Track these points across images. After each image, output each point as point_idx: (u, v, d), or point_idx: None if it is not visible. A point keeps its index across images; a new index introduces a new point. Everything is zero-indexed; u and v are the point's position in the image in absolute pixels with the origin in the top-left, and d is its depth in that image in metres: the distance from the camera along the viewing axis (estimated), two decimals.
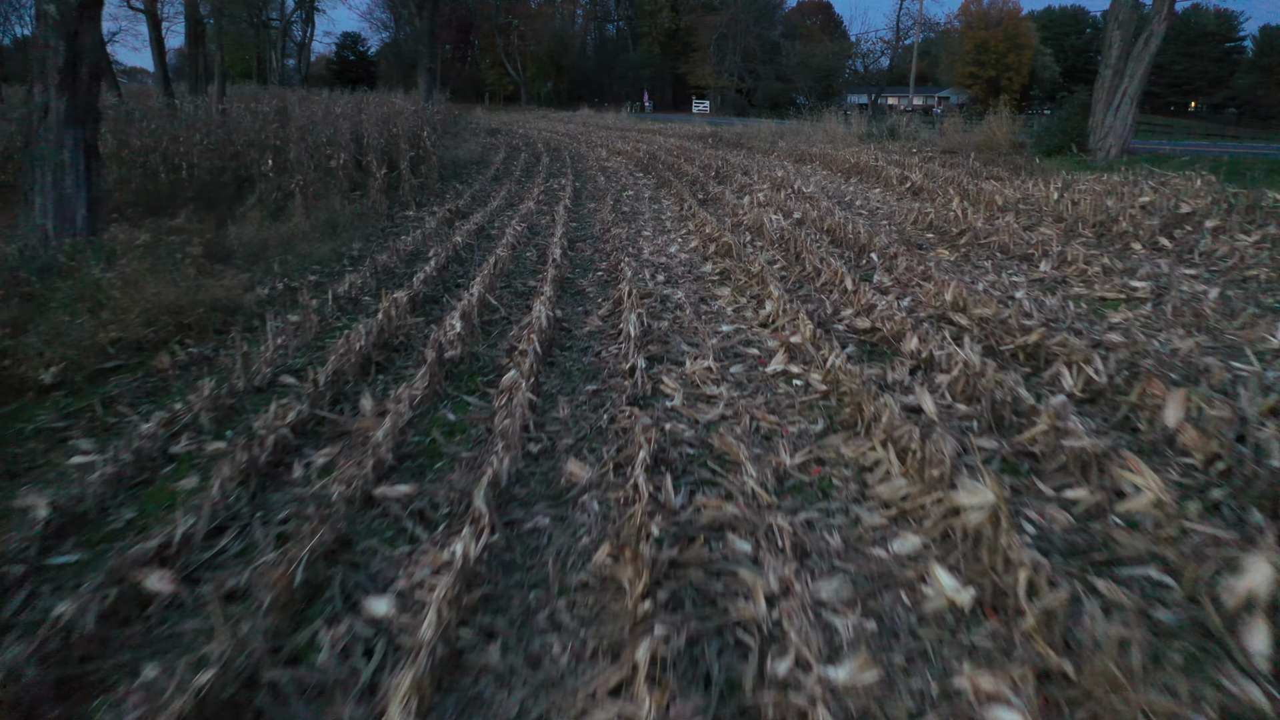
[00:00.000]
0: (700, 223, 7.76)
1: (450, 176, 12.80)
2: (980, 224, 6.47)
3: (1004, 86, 59.26)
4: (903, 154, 12.70)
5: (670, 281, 5.66)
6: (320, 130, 10.29)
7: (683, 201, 9.36)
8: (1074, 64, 70.20)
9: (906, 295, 4.70)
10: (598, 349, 4.16)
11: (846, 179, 11.45)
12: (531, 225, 8.22)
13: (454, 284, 5.76)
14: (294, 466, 2.82)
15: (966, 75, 60.28)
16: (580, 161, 15.97)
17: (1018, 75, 60.78)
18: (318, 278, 5.99)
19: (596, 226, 8.26)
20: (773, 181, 10.42)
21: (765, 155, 15.97)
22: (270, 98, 20.64)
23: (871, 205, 8.51)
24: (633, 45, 61.46)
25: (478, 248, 7.08)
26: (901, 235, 6.74)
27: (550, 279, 5.25)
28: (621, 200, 10.20)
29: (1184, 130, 37.69)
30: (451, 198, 10.30)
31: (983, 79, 59.61)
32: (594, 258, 6.69)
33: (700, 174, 12.08)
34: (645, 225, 8.17)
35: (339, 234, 7.79)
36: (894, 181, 9.82)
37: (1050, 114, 19.67)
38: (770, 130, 19.68)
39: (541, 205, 9.71)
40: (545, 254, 6.58)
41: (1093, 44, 74.70)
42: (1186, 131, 36.09)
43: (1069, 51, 69.15)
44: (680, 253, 6.71)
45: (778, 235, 6.55)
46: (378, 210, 8.93)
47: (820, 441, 2.92)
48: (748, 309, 4.78)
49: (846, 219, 7.34)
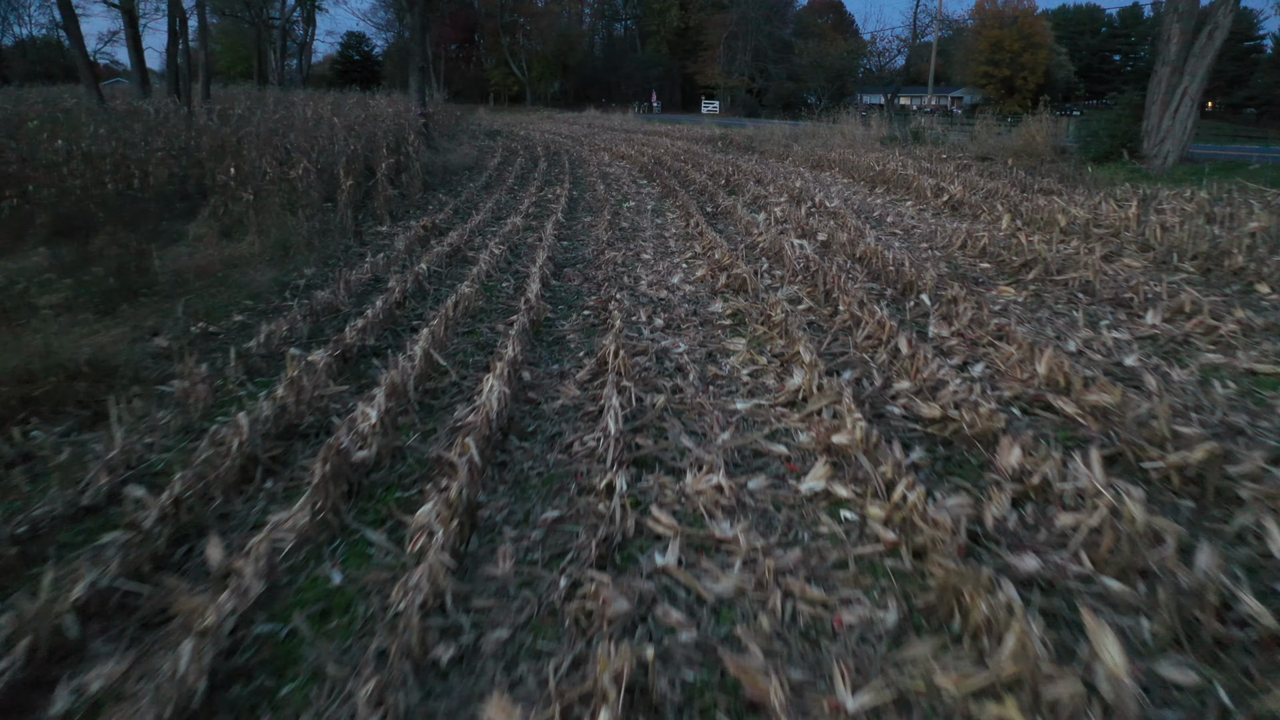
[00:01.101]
0: (708, 244, 6.68)
1: (438, 184, 11.78)
2: (1046, 250, 5.34)
3: (1018, 86, 58.00)
4: (932, 160, 11.56)
5: (671, 327, 4.58)
6: (288, 135, 9.28)
7: (689, 216, 8.28)
8: (1089, 63, 68.71)
9: (978, 360, 3.59)
10: (569, 438, 3.09)
11: (871, 189, 10.33)
12: (514, 246, 7.16)
13: (407, 327, 4.70)
14: (56, 694, 1.76)
15: (980, 75, 58.90)
16: (580, 167, 14.91)
17: (1032, 75, 59.40)
18: (246, 317, 4.95)
19: (589, 247, 7.20)
20: (790, 193, 9.32)
21: (779, 160, 14.86)
22: (259, 99, 19.74)
23: (906, 223, 7.40)
24: (641, 44, 60.36)
25: (446, 276, 6.02)
26: (951, 266, 5.63)
27: (517, 329, 4.18)
28: (621, 214, 9.13)
29: (1211, 131, 36.21)
30: (433, 210, 9.28)
31: (997, 78, 58.24)
32: (582, 290, 5.62)
33: (709, 182, 11.00)
34: (645, 246, 7.10)
35: (291, 257, 6.77)
36: (928, 194, 8.70)
37: (1079, 115, 18.48)
38: (783, 133, 18.56)
39: (531, 220, 8.66)
40: (523, 286, 5.52)
41: (1108, 44, 73.17)
42: (1214, 133, 34.64)
43: (1083, 51, 67.76)
44: (684, 284, 5.64)
45: (801, 264, 5.46)
46: (343, 227, 7.90)
47: (896, 653, 1.83)
48: (769, 373, 3.70)
49: (881, 242, 6.24)
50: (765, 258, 6.23)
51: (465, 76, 55.35)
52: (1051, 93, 62.49)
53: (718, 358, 4.03)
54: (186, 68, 18.30)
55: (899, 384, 3.34)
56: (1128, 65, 75.18)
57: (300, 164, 8.10)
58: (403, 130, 13.49)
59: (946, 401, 2.98)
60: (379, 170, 9.33)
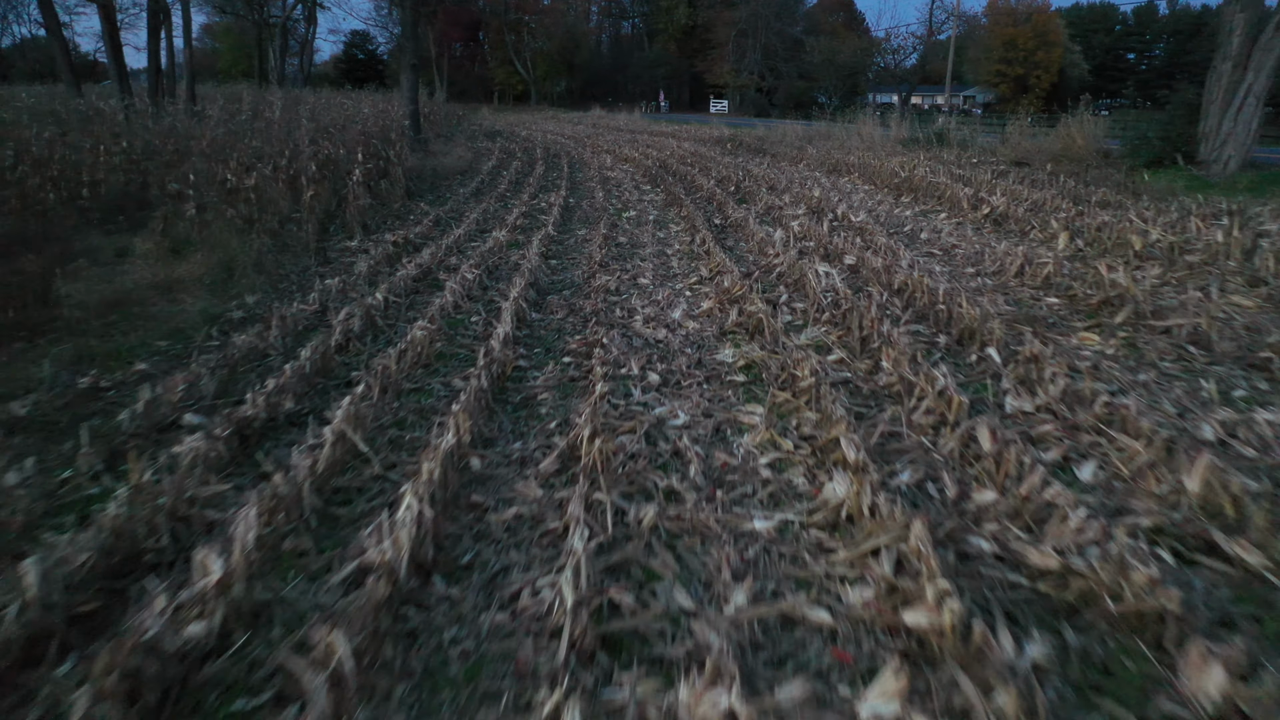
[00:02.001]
0: (716, 267, 5.74)
1: (425, 191, 10.89)
2: (1133, 284, 4.35)
3: (1032, 85, 56.79)
4: (961, 165, 10.57)
5: (669, 385, 3.65)
6: (250, 138, 8.41)
7: (695, 230, 7.34)
8: (1102, 62, 67.26)
9: (1086, 455, 2.64)
10: (517, 582, 2.16)
11: (896, 198, 9.35)
12: (494, 267, 6.24)
13: (343, 381, 3.79)
14: None
15: (994, 73, 57.68)
16: (580, 170, 14.00)
17: (1046, 73, 58.20)
18: (153, 364, 4.05)
19: (580, 268, 6.27)
20: (808, 203, 8.37)
21: (792, 164, 13.89)
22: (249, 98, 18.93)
23: (944, 241, 6.43)
24: (648, 43, 59.40)
25: (408, 307, 5.11)
26: (1012, 301, 4.66)
27: (472, 392, 3.25)
28: (619, 226, 8.20)
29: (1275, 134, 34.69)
30: (413, 221, 8.38)
31: (1010, 77, 57.07)
32: (565, 327, 4.70)
33: (717, 189, 10.05)
34: (644, 267, 6.16)
35: (235, 280, 5.87)
36: (964, 205, 7.72)
37: (1107, 114, 17.38)
38: (796, 134, 17.58)
39: (518, 233, 7.74)
40: (493, 323, 4.60)
41: (1122, 42, 71.56)
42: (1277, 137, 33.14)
43: (1097, 49, 66.51)
44: (687, 319, 4.70)
45: (829, 299, 4.51)
46: (304, 243, 7.01)
47: None
48: (797, 464, 2.76)
49: (920, 268, 5.28)
50: (783, 286, 5.28)
51: (470, 76, 54.55)
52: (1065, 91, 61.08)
53: (728, 435, 3.09)
54: (170, 66, 17.51)
55: (981, 494, 2.39)
56: (1142, 64, 73.64)
57: (254, 172, 7.21)
58: (388, 132, 12.61)
59: (1064, 542, 2.03)
60: (351, 177, 8.44)
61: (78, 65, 26.81)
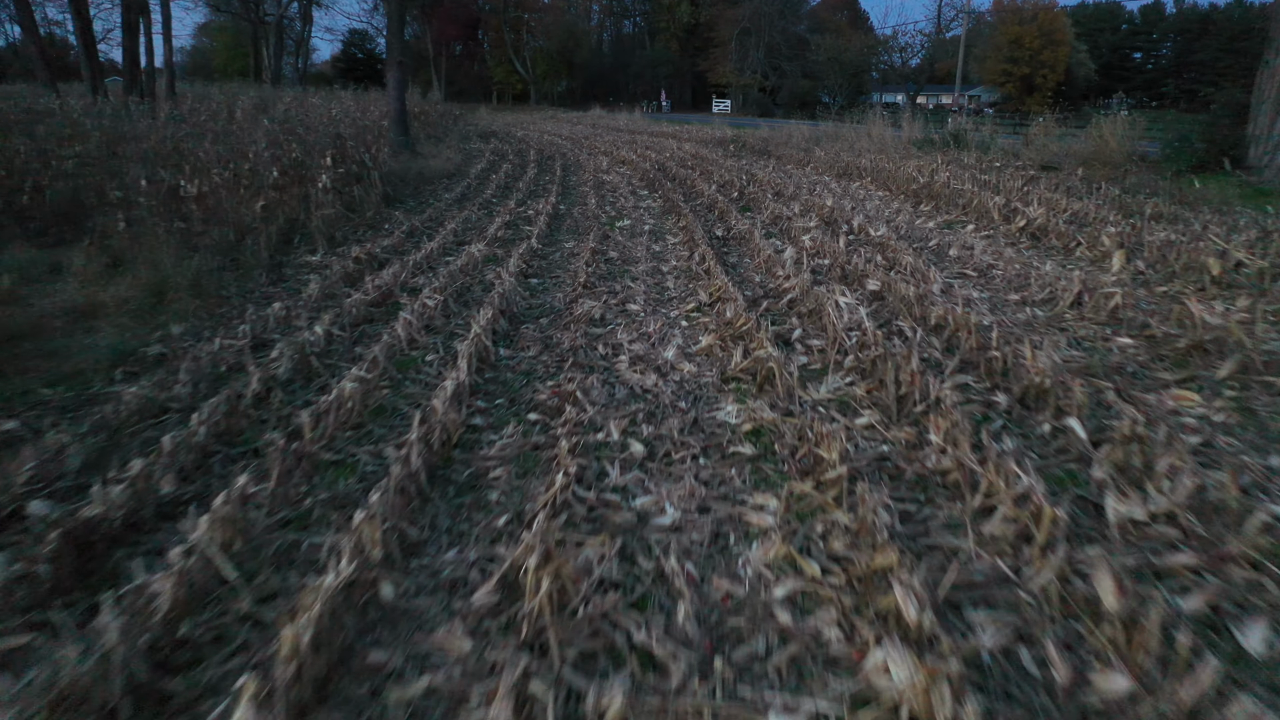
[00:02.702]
0: (718, 291, 4.97)
1: (406, 196, 10.14)
2: (1234, 326, 3.55)
3: (1038, 84, 56.02)
4: (983, 169, 9.77)
5: (655, 459, 2.87)
6: (208, 140, 7.65)
7: (694, 244, 6.57)
8: (1108, 61, 66.38)
9: (1255, 608, 1.86)
10: None
11: (915, 206, 8.56)
12: (463, 289, 5.48)
13: (242, 454, 3.02)
14: None
15: (999, 72, 56.86)
16: (574, 174, 13.23)
17: (1053, 72, 57.45)
18: (24, 421, 3.29)
19: (562, 290, 5.50)
20: (820, 213, 7.58)
21: (799, 167, 13.10)
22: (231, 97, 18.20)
23: (978, 259, 5.64)
24: (650, 41, 58.58)
25: (350, 344, 4.34)
26: (1075, 342, 3.87)
27: (394, 481, 2.48)
28: (611, 238, 7.43)
29: None
30: (387, 231, 7.62)
31: (1016, 76, 56.27)
32: (536, 368, 3.93)
33: (719, 196, 9.27)
34: (635, 289, 5.39)
35: (166, 305, 5.12)
36: (994, 215, 6.93)
37: (1126, 114, 16.53)
38: (802, 135, 16.78)
39: (497, 246, 6.97)
40: (449, 366, 3.83)
41: (1128, 41, 70.60)
42: None
43: (1103, 48, 65.77)
44: (682, 360, 3.93)
45: (854, 339, 3.73)
46: (255, 259, 6.25)
47: None
48: (827, 600, 1.99)
49: (957, 295, 4.50)
50: (796, 317, 4.50)
51: (469, 75, 53.76)
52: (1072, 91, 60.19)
53: (731, 544, 2.32)
54: (149, 64, 16.78)
55: (1106, 679, 1.61)
56: (1149, 64, 72.62)
57: (203, 179, 6.45)
58: (368, 133, 11.85)
59: None
60: (317, 183, 7.67)
61: (71, 65, 26.03)
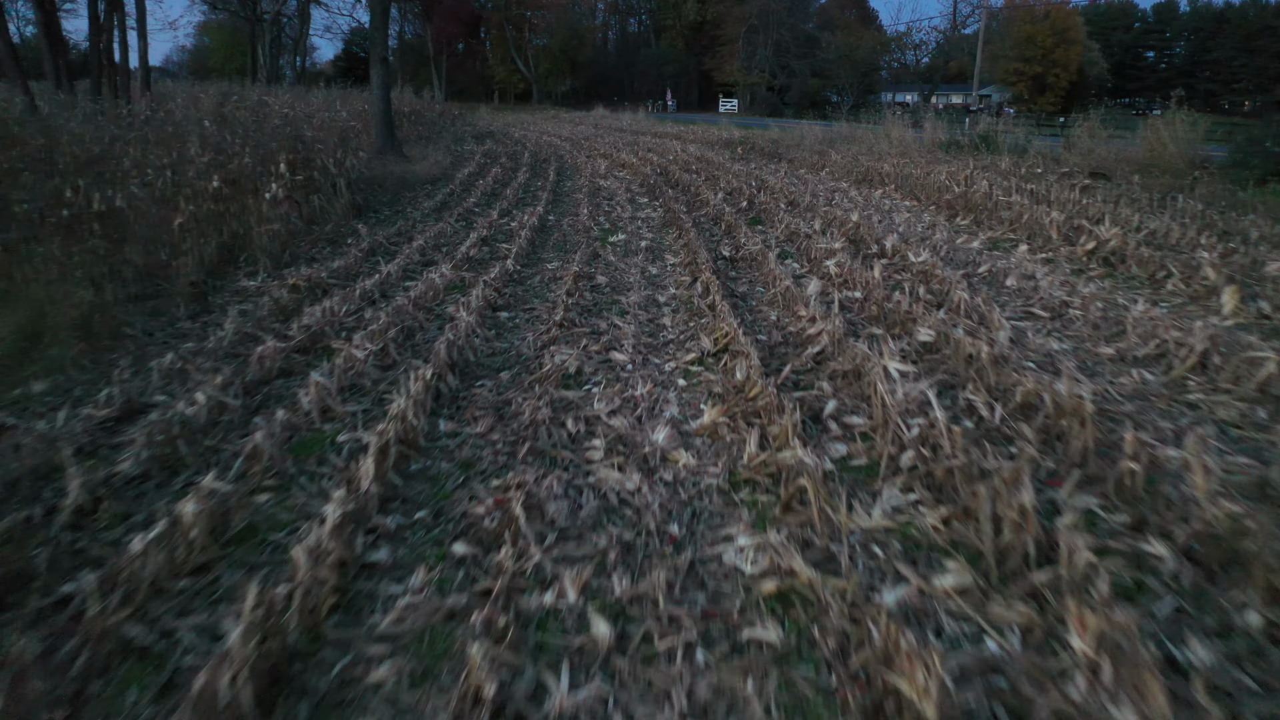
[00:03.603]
0: (725, 338, 3.94)
1: (382, 204, 9.15)
2: None
3: (1050, 84, 54.87)
4: (1025, 177, 8.69)
5: (628, 652, 1.85)
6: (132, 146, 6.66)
7: (696, 269, 5.54)
8: (1121, 60, 65.16)
9: None
10: None
11: (950, 219, 7.51)
12: (410, 329, 4.46)
13: (35, 612, 2.00)
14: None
15: (1011, 71, 55.70)
16: (569, 179, 12.21)
17: (1065, 72, 56.26)
18: None
19: (534, 330, 4.48)
20: (843, 228, 6.54)
21: (813, 172, 12.05)
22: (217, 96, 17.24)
23: (1047, 294, 4.57)
24: (655, 40, 57.48)
25: (246, 416, 3.32)
26: (1217, 424, 2.84)
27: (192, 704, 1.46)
28: (601, 257, 6.42)
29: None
30: (346, 248, 6.63)
31: (1028, 75, 55.11)
32: (479, 456, 2.91)
33: (726, 206, 8.25)
34: (624, 330, 4.37)
35: (45, 349, 4.13)
36: (1051, 234, 5.87)
37: (1159, 114, 15.39)
38: (815, 136, 15.72)
39: (467, 268, 5.96)
40: (355, 461, 2.80)
41: (1141, 40, 69.14)
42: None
43: (1115, 47, 64.62)
44: (676, 445, 2.90)
45: (915, 430, 2.69)
46: (177, 287, 5.25)
47: None
48: None
49: (1033, 346, 3.46)
50: (828, 380, 3.46)
51: (470, 74, 52.77)
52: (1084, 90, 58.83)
53: None
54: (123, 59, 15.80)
55: None
56: (1162, 63, 71.14)
57: (117, 191, 5.45)
58: (345, 135, 10.87)
59: None
60: (264, 194, 6.68)
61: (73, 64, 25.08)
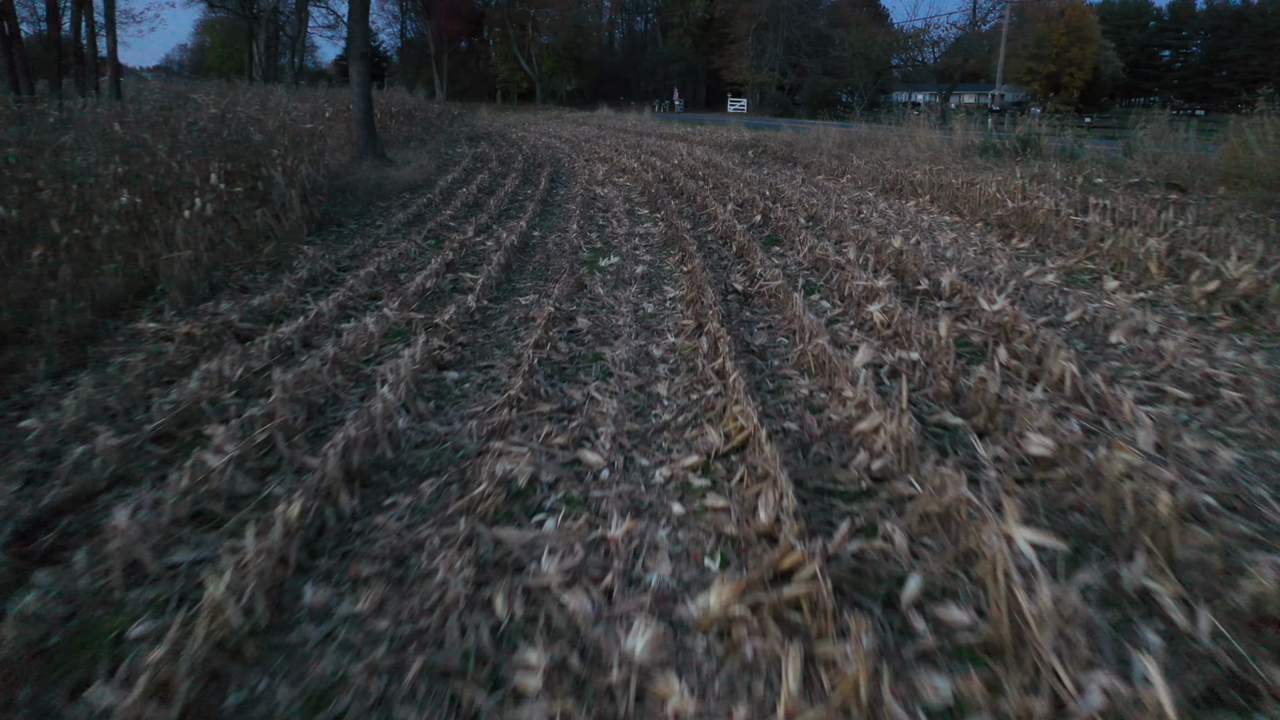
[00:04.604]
0: (736, 432, 2.78)
1: (349, 216, 8.06)
2: None
3: (1064, 83, 53.64)
4: (1081, 186, 7.49)
5: None
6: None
7: (701, 312, 4.38)
8: (1135, 59, 63.92)
9: None
10: None
11: (1005, 240, 6.33)
12: (318, 406, 3.32)
13: None
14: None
15: (1024, 70, 54.38)
16: (563, 186, 11.07)
17: (1080, 71, 55.00)
18: None
19: (481, 404, 3.32)
20: (881, 256, 5.36)
21: (833, 179, 10.86)
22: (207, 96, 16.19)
23: (1177, 364, 3.39)
24: (662, 38, 56.27)
25: (29, 563, 2.18)
26: None
27: None
28: (586, 289, 5.27)
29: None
30: (288, 274, 5.53)
31: (1042, 75, 53.85)
32: (343, 678, 1.76)
33: (737, 222, 7.09)
34: (603, 405, 3.22)
35: None
36: (1151, 267, 4.68)
37: (1201, 115, 14.08)
38: (833, 139, 14.51)
39: (415, 308, 4.82)
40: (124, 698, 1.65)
41: (1156, 38, 67.65)
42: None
43: (1130, 46, 63.39)
44: (664, 660, 1.75)
45: (1091, 685, 1.52)
46: (46, 334, 4.12)
47: None
48: None
49: (1206, 480, 2.29)
50: (895, 514, 2.30)
51: (473, 73, 51.70)
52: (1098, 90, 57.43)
53: None
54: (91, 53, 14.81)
55: None
56: (1177, 62, 69.62)
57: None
58: (315, 138, 9.77)
59: None
60: (186, 210, 5.56)
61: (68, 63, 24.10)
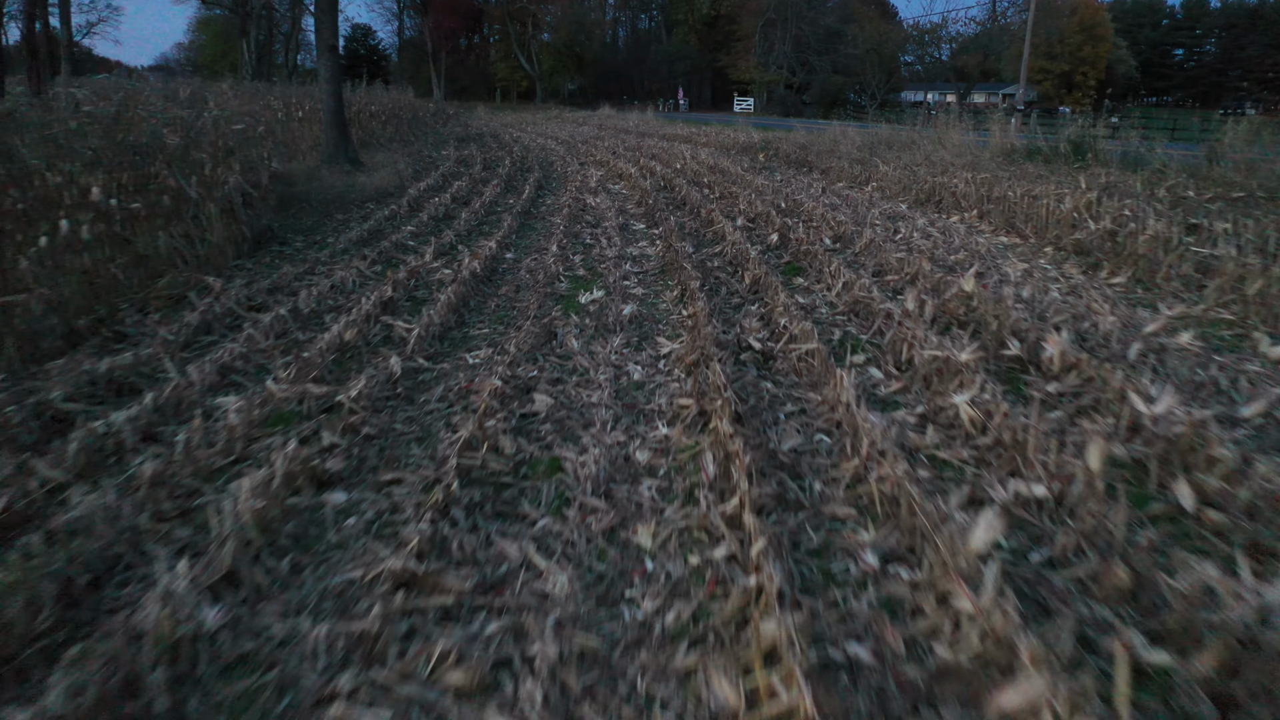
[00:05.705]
0: (764, 678, 1.52)
1: (296, 232, 6.85)
2: None
3: (1078, 82, 52.61)
4: (1166, 201, 6.21)
5: None
6: None
7: (705, 393, 3.12)
8: (1148, 58, 63.11)
9: None
10: None
11: (1089, 271, 5.07)
12: (110, 561, 2.06)
13: None
14: None
15: (1036, 70, 53.17)
16: (551, 193, 9.82)
17: (1093, 70, 53.95)
18: None
19: (368, 557, 2.05)
20: (944, 302, 4.09)
21: (856, 188, 9.59)
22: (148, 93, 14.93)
23: None
24: (666, 35, 54.99)
25: None
26: None
27: None
28: (556, 340, 4.02)
29: None
30: (177, 318, 4.30)
31: (1054, 74, 52.84)
32: None
33: (749, 245, 5.83)
34: (550, 593, 1.95)
35: None
36: None
37: (1249, 113, 12.82)
38: (852, 140, 13.22)
39: (314, 377, 3.58)
40: None
41: (1170, 37, 66.59)
42: None
43: (1143, 44, 62.47)
44: None
45: None
46: None
47: None
48: None
49: None
50: None
51: (472, 72, 50.52)
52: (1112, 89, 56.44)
53: None
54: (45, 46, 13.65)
55: None
56: (1190, 60, 68.47)
57: None
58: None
59: None
60: (42, 239, 4.33)
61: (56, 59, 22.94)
